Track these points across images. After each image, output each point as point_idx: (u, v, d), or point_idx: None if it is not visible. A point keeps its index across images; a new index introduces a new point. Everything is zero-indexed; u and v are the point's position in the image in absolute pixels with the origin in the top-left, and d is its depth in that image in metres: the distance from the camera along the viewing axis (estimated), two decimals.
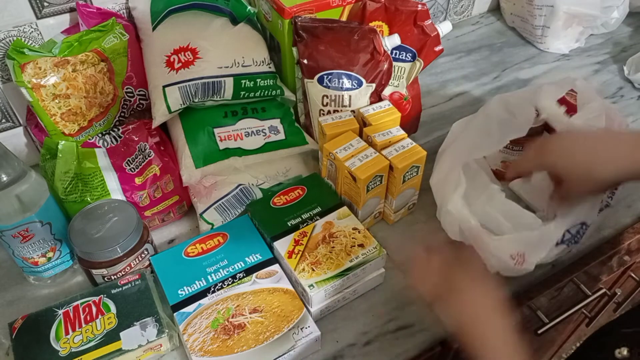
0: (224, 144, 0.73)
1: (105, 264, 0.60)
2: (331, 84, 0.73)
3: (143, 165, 0.69)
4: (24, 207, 0.58)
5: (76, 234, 0.60)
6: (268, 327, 0.57)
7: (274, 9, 0.74)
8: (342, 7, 0.76)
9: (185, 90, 0.70)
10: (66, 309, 0.58)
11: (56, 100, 0.66)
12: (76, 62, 0.66)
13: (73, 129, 0.68)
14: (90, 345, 0.55)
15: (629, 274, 0.96)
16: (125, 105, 0.73)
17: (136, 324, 0.57)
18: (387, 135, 0.69)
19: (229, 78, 0.72)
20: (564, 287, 0.81)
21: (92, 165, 0.67)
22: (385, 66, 0.73)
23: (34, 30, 0.70)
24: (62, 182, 0.65)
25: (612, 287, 0.94)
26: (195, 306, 0.59)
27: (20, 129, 0.77)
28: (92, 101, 0.68)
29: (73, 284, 0.67)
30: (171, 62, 0.70)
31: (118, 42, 0.69)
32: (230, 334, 0.56)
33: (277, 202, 0.69)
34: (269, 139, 0.75)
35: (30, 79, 0.63)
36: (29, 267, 0.64)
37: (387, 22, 0.77)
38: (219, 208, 0.69)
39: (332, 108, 0.75)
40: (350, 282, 0.61)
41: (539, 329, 0.78)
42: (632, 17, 1.12)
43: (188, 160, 0.71)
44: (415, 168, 0.68)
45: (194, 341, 0.56)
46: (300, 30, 0.72)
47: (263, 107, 0.77)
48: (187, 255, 0.64)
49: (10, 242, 0.60)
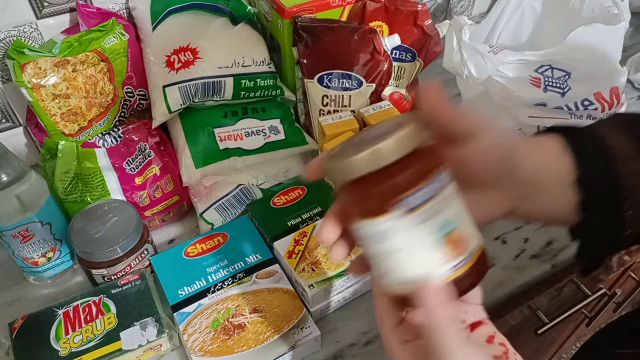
0: (224, 144, 0.73)
1: (105, 264, 0.60)
2: (331, 84, 0.73)
3: (143, 165, 0.69)
4: (24, 207, 0.58)
5: (76, 234, 0.60)
6: (268, 327, 0.57)
7: (274, 9, 0.74)
8: (342, 7, 0.76)
9: (185, 90, 0.70)
10: (66, 309, 0.58)
11: (56, 100, 0.66)
12: (76, 62, 0.66)
13: (73, 129, 0.68)
14: (90, 345, 0.55)
15: (629, 274, 0.96)
16: (125, 105, 0.73)
17: (136, 324, 0.57)
18: None
19: (229, 78, 0.72)
20: (564, 287, 0.81)
21: (92, 165, 0.67)
22: (385, 66, 0.73)
23: (34, 30, 0.70)
24: (62, 182, 0.65)
25: (612, 287, 0.94)
26: (195, 306, 0.59)
27: (20, 129, 0.77)
28: (92, 101, 0.68)
29: (73, 284, 0.67)
30: (171, 62, 0.70)
31: (118, 42, 0.69)
32: (230, 334, 0.56)
33: (277, 202, 0.69)
34: (269, 139, 0.75)
35: (30, 79, 0.63)
36: (29, 267, 0.64)
37: (387, 22, 0.77)
38: (219, 208, 0.69)
39: (332, 108, 0.75)
40: (350, 282, 0.61)
41: (539, 329, 0.78)
42: (632, 17, 1.11)
43: (188, 160, 0.71)
44: None
45: (194, 341, 0.56)
46: (300, 30, 0.72)
47: (263, 107, 0.77)
48: (187, 255, 0.64)
49: (10, 242, 0.60)
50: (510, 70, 0.68)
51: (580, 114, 0.69)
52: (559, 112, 0.70)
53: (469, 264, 0.33)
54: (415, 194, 0.32)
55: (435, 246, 0.32)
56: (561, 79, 0.67)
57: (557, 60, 0.66)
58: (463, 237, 0.33)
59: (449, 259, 0.33)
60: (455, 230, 0.33)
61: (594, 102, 0.67)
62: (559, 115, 0.70)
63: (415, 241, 0.32)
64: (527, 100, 0.69)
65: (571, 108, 0.68)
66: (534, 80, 0.68)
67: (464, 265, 0.33)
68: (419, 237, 0.32)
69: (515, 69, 0.68)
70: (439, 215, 0.32)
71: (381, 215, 0.32)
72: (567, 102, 0.68)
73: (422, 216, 0.32)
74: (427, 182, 0.32)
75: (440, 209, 0.32)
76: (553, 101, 0.68)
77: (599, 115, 0.69)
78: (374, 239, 0.34)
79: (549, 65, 0.66)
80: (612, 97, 0.68)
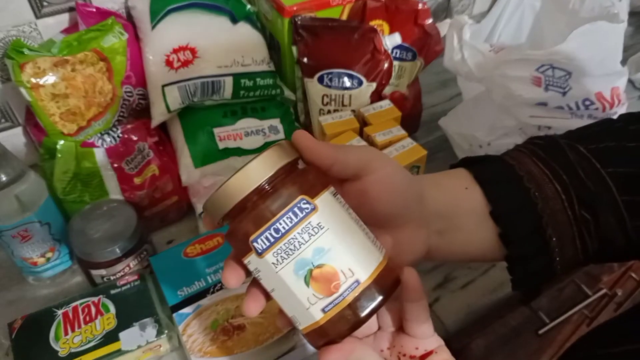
0: (223, 143, 0.73)
1: (104, 265, 0.60)
2: (331, 83, 0.73)
3: (142, 165, 0.69)
4: (23, 207, 0.58)
5: (75, 234, 0.60)
6: (268, 328, 0.57)
7: (273, 8, 0.74)
8: (342, 6, 0.75)
9: (185, 90, 0.70)
10: (65, 310, 0.58)
11: (55, 100, 0.65)
12: (75, 61, 0.66)
13: (72, 128, 0.68)
14: (90, 345, 0.55)
15: (630, 274, 0.96)
16: (124, 105, 0.73)
17: (135, 325, 0.57)
18: (387, 134, 0.69)
19: (228, 77, 0.72)
20: (564, 287, 0.81)
21: (91, 165, 0.67)
22: (385, 65, 0.73)
23: (34, 30, 0.70)
24: (61, 182, 0.65)
25: (613, 287, 0.94)
26: (195, 307, 0.59)
27: (19, 128, 0.77)
28: (91, 101, 0.68)
29: (72, 284, 0.67)
30: (170, 62, 0.70)
31: (117, 41, 0.68)
32: (229, 334, 0.56)
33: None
34: (269, 138, 0.75)
35: (30, 79, 0.63)
36: (28, 268, 0.64)
37: (388, 21, 0.77)
38: None
39: (332, 107, 0.74)
40: None
41: (539, 329, 0.77)
42: (632, 17, 1.11)
43: (187, 160, 0.71)
44: (415, 168, 0.68)
45: (193, 342, 0.56)
46: (300, 29, 0.72)
47: (263, 107, 0.77)
48: (186, 255, 0.64)
49: (10, 242, 0.60)
50: (511, 69, 0.68)
51: (581, 114, 0.69)
52: (560, 112, 0.69)
53: (350, 297, 0.30)
54: (260, 237, 0.30)
55: (299, 287, 0.30)
56: (562, 78, 0.67)
57: (558, 60, 0.65)
58: (332, 274, 0.30)
59: (318, 300, 0.30)
60: (318, 269, 0.30)
61: (595, 102, 0.67)
62: (560, 115, 0.70)
63: (279, 284, 0.30)
64: (527, 99, 0.68)
65: (572, 108, 0.68)
66: (535, 80, 0.67)
67: (340, 304, 0.30)
68: (280, 280, 0.30)
69: (516, 68, 0.67)
70: (295, 253, 0.29)
71: (245, 256, 0.31)
72: (568, 101, 0.68)
73: (274, 258, 0.30)
74: (273, 222, 0.29)
75: (295, 247, 0.29)
76: (554, 101, 0.68)
77: (600, 115, 0.69)
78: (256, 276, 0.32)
79: (550, 65, 0.66)
80: (613, 97, 0.68)
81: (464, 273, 0.68)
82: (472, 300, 0.65)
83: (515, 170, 0.39)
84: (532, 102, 0.69)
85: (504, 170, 0.39)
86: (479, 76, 0.69)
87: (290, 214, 0.29)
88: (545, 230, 0.37)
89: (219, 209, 0.31)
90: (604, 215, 0.37)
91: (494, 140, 0.75)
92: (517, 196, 0.38)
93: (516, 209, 0.38)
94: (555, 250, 0.38)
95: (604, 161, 0.38)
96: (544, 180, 0.38)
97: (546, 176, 0.38)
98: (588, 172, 0.38)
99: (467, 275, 0.68)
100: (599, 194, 0.37)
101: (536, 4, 0.85)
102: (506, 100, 0.71)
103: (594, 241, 0.38)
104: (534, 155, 0.40)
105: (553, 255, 0.38)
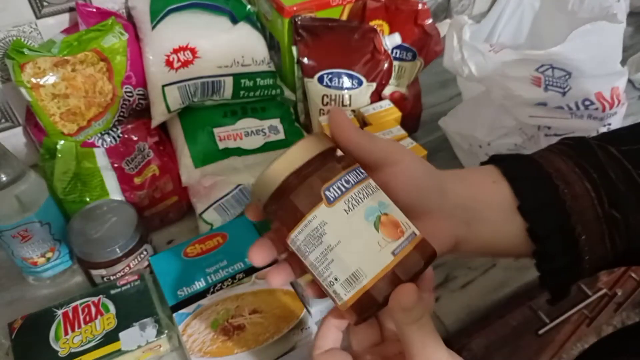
0: (223, 143, 0.73)
1: (104, 265, 0.60)
2: (331, 84, 0.73)
3: (142, 165, 0.69)
4: (23, 207, 0.58)
5: (75, 234, 0.60)
6: (268, 328, 0.57)
7: (273, 8, 0.74)
8: (342, 6, 0.75)
9: (185, 90, 0.70)
10: (65, 310, 0.58)
11: (55, 100, 0.65)
12: (75, 61, 0.66)
13: (72, 128, 0.68)
14: (90, 345, 0.55)
15: (630, 274, 0.96)
16: (125, 105, 0.73)
17: (135, 325, 0.57)
18: (387, 134, 0.69)
19: (228, 77, 0.72)
20: None
21: (91, 165, 0.67)
22: (385, 65, 0.73)
23: (34, 30, 0.70)
24: (61, 182, 0.65)
25: (613, 288, 0.94)
26: (195, 307, 0.59)
27: (19, 128, 0.77)
28: (91, 101, 0.68)
29: (72, 284, 0.67)
30: (170, 62, 0.70)
31: (117, 41, 0.68)
32: (229, 334, 0.56)
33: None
34: (269, 138, 0.75)
35: (30, 79, 0.63)
36: (28, 268, 0.64)
37: (388, 21, 0.77)
38: (218, 208, 0.69)
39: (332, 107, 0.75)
40: None
41: (539, 329, 0.78)
42: (631, 17, 1.11)
43: (187, 160, 0.71)
44: None
45: (193, 342, 0.56)
46: (300, 29, 0.72)
47: (263, 107, 0.77)
48: (186, 255, 0.64)
49: (10, 242, 0.60)
50: (511, 69, 0.68)
51: (581, 114, 0.69)
52: (560, 112, 0.69)
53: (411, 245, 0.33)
54: (332, 186, 0.32)
55: (368, 233, 0.32)
56: (562, 78, 0.67)
57: (558, 60, 0.65)
58: (396, 221, 0.33)
59: (387, 243, 0.32)
60: (385, 215, 0.33)
61: (595, 102, 0.67)
62: (560, 115, 0.70)
63: (348, 232, 0.32)
64: (527, 99, 0.68)
65: (572, 108, 0.68)
66: (535, 80, 0.67)
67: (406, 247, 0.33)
68: (350, 227, 0.32)
69: (515, 68, 0.67)
70: (364, 202, 0.33)
71: (307, 216, 0.32)
72: (568, 101, 0.68)
73: (346, 205, 0.32)
74: (342, 175, 0.33)
75: (362, 197, 0.33)
76: (554, 101, 0.68)
77: (599, 115, 0.69)
78: (308, 245, 0.33)
79: (550, 65, 0.66)
80: (613, 97, 0.68)
81: (464, 273, 0.68)
82: (472, 300, 0.65)
83: (544, 167, 0.38)
84: (532, 102, 0.69)
85: (533, 167, 0.39)
86: (479, 76, 0.69)
87: (355, 172, 0.34)
88: (574, 227, 0.37)
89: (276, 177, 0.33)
90: (633, 215, 0.37)
91: (494, 140, 0.75)
92: (546, 193, 0.37)
93: (545, 205, 0.37)
94: (585, 248, 0.37)
95: (635, 163, 0.38)
96: (573, 178, 0.38)
97: (575, 174, 0.38)
98: (618, 172, 0.37)
99: (467, 275, 0.68)
100: (629, 195, 0.37)
101: (536, 4, 0.85)
102: (506, 100, 0.71)
103: (623, 242, 0.37)
104: (563, 154, 0.39)
105: (582, 254, 0.37)
